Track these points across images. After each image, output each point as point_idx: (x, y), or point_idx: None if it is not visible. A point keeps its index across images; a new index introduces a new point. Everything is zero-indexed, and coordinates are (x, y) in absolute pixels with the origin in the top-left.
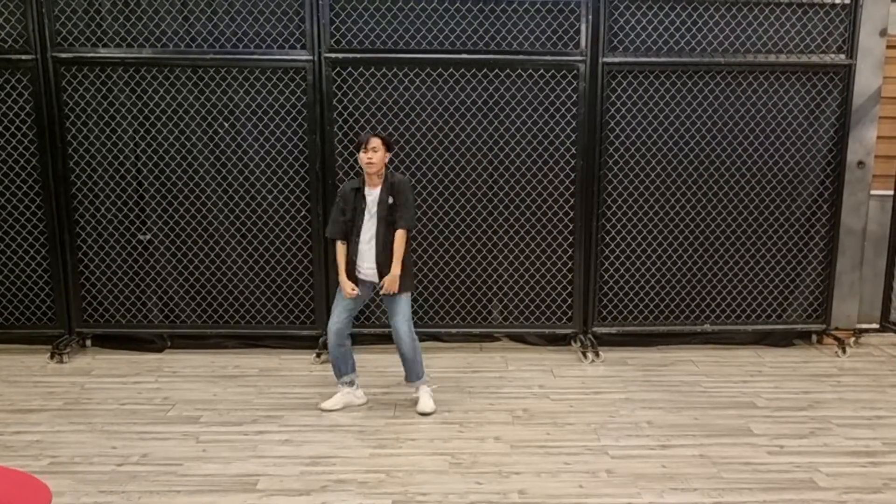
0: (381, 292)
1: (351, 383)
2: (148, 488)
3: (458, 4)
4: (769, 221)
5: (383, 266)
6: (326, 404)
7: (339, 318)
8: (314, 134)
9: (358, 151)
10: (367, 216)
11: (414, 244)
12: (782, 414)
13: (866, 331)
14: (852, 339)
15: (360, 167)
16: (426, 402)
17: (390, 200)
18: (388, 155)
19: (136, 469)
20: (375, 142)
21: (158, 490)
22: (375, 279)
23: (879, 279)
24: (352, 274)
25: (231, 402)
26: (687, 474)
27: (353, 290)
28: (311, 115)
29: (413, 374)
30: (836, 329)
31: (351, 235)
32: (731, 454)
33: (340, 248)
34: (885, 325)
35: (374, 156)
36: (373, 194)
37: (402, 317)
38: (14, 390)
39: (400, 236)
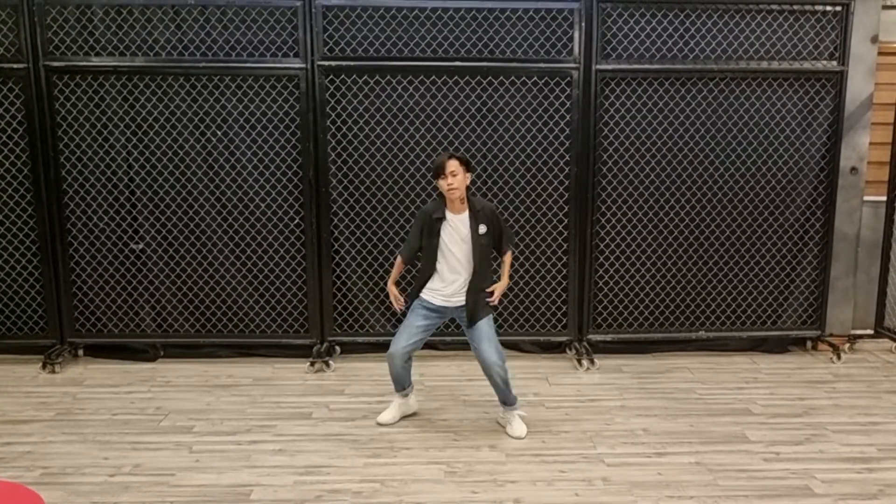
0: (491, 301)
1: (406, 395)
2: (140, 499)
3: (451, 12)
4: (763, 227)
5: (475, 293)
6: (383, 418)
7: (406, 343)
8: (307, 142)
9: (436, 178)
10: (455, 244)
11: None
12: (778, 420)
13: (861, 337)
14: (847, 345)
15: (438, 193)
16: (518, 426)
17: (482, 230)
18: (470, 176)
19: (129, 480)
20: (453, 165)
21: (151, 501)
22: (460, 303)
23: (873, 285)
24: (415, 294)
25: (224, 411)
26: (683, 482)
27: (399, 299)
28: (304, 123)
29: (508, 399)
30: (831, 335)
31: (431, 260)
32: (727, 461)
33: (400, 266)
34: (880, 331)
35: (454, 180)
36: (461, 221)
37: (488, 342)
38: (5, 401)
39: (508, 257)
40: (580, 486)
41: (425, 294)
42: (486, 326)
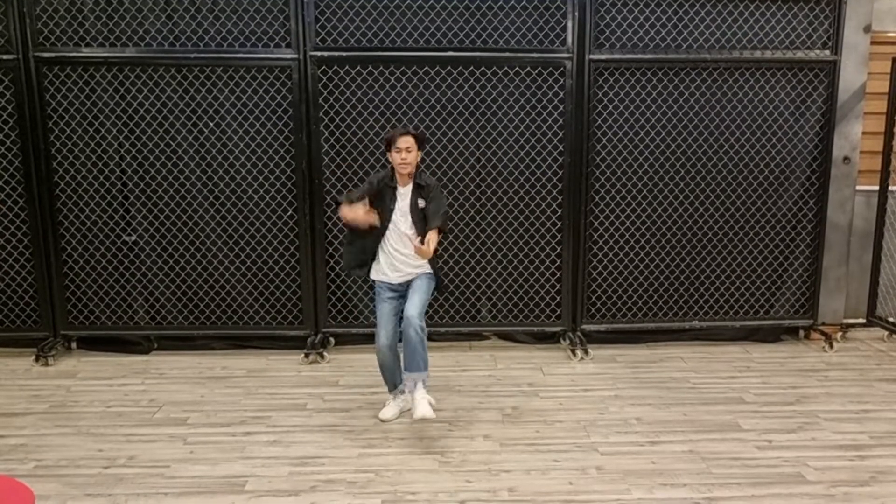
0: (414, 251)
1: (402, 391)
2: (135, 491)
3: (443, 2)
4: (756, 217)
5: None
6: (385, 414)
7: (387, 331)
8: (300, 133)
9: (388, 150)
10: (398, 217)
11: None
12: (770, 409)
13: (853, 326)
14: (839, 334)
15: (390, 165)
16: (422, 407)
17: (421, 204)
18: (421, 153)
19: (123, 471)
20: (408, 141)
21: (145, 492)
22: (404, 279)
23: (865, 274)
24: (368, 270)
25: (218, 403)
26: (676, 470)
27: (368, 211)
28: (296, 114)
29: (413, 364)
30: (823, 324)
31: (382, 228)
32: (720, 449)
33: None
34: (872, 320)
35: (408, 156)
36: (404, 193)
37: (417, 297)
38: None
39: (433, 234)
40: (574, 475)
41: (381, 278)
42: (420, 282)
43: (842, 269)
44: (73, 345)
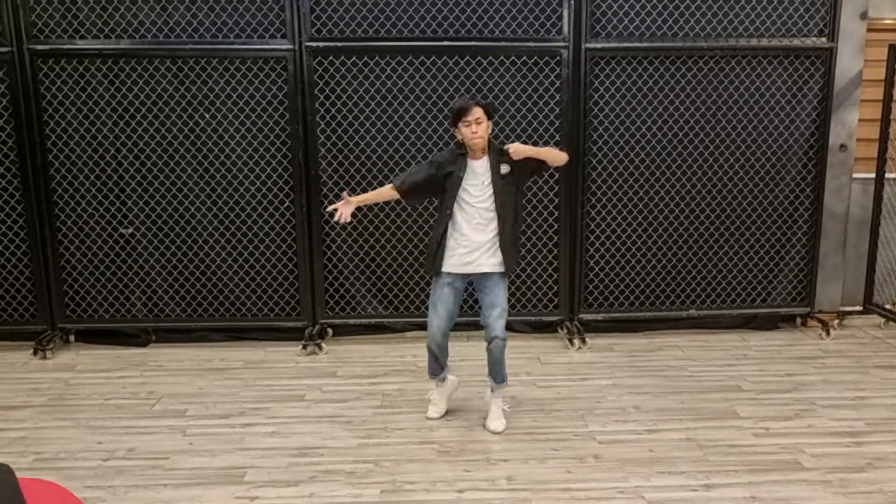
0: (509, 150)
1: (443, 379)
2: (134, 482)
3: None
4: (753, 206)
5: (507, 252)
6: (432, 413)
7: (441, 318)
8: (296, 124)
9: (455, 125)
10: (475, 192)
11: (399, 234)
12: (767, 396)
13: (850, 313)
14: (836, 321)
15: (461, 141)
16: (497, 421)
17: (503, 169)
18: (490, 124)
19: (123, 463)
20: (478, 112)
21: (145, 484)
22: (479, 269)
23: (862, 262)
24: (440, 262)
25: (217, 395)
26: (674, 458)
27: (349, 203)
28: (292, 105)
29: (499, 375)
30: (820, 312)
31: (447, 216)
32: (718, 437)
33: (387, 193)
34: (868, 308)
35: (478, 128)
36: (480, 165)
37: (500, 313)
38: None
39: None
40: (572, 464)
41: (446, 268)
42: (501, 295)
43: (838, 256)
44: (71, 338)
